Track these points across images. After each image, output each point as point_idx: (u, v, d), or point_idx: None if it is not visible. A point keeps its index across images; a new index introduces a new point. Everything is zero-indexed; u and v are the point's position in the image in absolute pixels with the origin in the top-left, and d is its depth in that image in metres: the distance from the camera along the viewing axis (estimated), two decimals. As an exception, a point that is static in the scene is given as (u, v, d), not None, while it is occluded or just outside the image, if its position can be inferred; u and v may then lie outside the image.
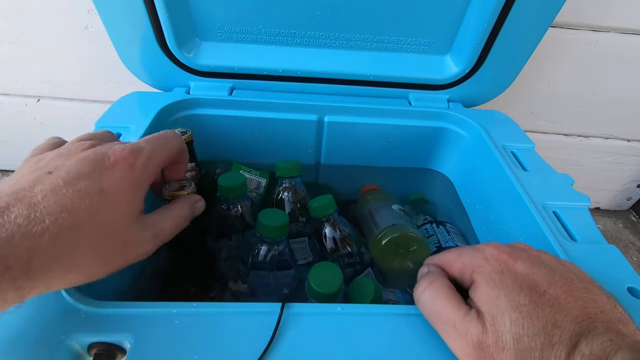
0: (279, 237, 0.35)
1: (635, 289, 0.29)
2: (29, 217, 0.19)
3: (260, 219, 0.34)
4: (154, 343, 0.23)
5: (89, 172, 0.22)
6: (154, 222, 0.26)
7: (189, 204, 0.30)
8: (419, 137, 0.53)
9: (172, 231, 0.27)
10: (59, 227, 0.20)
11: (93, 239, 0.21)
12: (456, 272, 0.26)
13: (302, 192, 0.44)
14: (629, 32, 0.61)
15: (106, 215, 0.22)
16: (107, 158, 0.24)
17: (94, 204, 0.21)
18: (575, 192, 0.38)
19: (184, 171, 0.32)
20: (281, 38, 0.48)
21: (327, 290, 0.30)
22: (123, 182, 0.23)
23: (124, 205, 0.23)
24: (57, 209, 0.20)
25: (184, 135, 0.38)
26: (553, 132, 0.77)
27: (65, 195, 0.21)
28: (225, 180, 0.38)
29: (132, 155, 0.24)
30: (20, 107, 0.73)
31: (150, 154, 0.26)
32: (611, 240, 0.87)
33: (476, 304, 0.23)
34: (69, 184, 0.21)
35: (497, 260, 0.24)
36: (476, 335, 0.22)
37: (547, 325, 0.20)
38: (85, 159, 0.23)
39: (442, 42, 0.49)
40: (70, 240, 0.20)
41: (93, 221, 0.21)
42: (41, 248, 0.19)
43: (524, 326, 0.21)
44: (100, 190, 0.22)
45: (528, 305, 0.21)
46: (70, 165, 0.22)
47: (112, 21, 0.45)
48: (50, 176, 0.21)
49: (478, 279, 0.24)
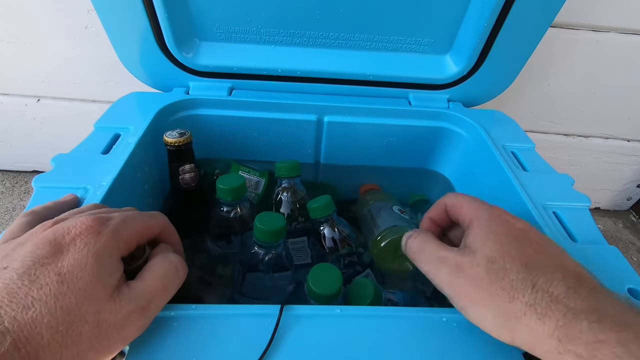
0: (275, 241, 0.34)
1: (636, 289, 0.29)
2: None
3: (257, 223, 0.33)
4: (153, 346, 0.23)
5: (43, 256, 0.21)
6: (136, 290, 0.23)
7: (170, 250, 0.27)
8: (419, 137, 0.53)
9: (162, 292, 0.24)
10: (20, 329, 0.18)
11: (61, 336, 0.19)
12: (462, 214, 0.28)
13: (302, 192, 0.44)
14: (629, 32, 0.61)
15: (68, 299, 0.20)
16: (66, 233, 0.22)
17: (52, 292, 0.19)
18: (575, 193, 0.38)
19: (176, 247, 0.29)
20: (280, 38, 0.48)
21: (327, 292, 0.30)
22: (86, 254, 0.21)
23: (89, 282, 0.21)
24: (16, 308, 0.18)
25: (183, 136, 0.38)
26: (553, 132, 0.77)
27: (21, 290, 0.19)
28: (224, 182, 0.37)
29: (97, 224, 0.23)
30: (20, 107, 0.73)
31: (120, 222, 0.24)
32: (611, 240, 0.87)
33: (466, 241, 0.26)
34: (23, 275, 0.20)
35: (500, 215, 0.27)
36: (454, 259, 0.25)
37: (529, 263, 0.23)
38: (41, 241, 0.21)
39: (442, 42, 0.49)
40: (36, 343, 0.18)
41: (56, 313, 0.19)
42: (6, 357, 0.17)
43: (504, 258, 0.23)
44: (57, 274, 0.20)
45: (514, 243, 0.24)
46: (25, 254, 0.21)
47: (111, 21, 0.45)
48: (5, 272, 0.20)
49: (477, 223, 0.26)
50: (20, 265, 0.20)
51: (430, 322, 0.26)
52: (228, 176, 0.39)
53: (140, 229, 0.25)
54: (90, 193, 0.33)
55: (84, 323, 0.20)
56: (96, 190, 0.33)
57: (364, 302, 0.31)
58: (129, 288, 0.23)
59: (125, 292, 0.22)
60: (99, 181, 0.34)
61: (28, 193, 0.84)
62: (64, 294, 0.20)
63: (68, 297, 0.20)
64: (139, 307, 0.22)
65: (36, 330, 0.18)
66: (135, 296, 0.22)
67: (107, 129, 0.42)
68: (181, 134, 0.38)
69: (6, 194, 0.83)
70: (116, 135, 0.41)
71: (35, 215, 0.27)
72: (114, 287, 0.22)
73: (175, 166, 0.39)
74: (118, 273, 0.23)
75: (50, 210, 0.29)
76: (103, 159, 0.37)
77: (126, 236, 0.24)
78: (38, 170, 0.88)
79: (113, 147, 0.39)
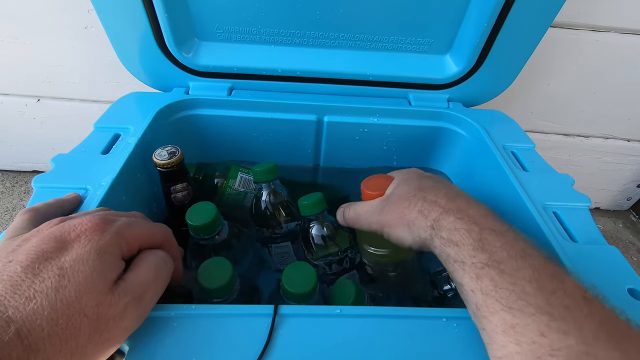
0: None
1: (636, 290, 0.29)
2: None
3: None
4: (153, 346, 0.23)
5: (48, 250, 0.21)
6: (130, 281, 0.23)
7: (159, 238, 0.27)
8: (419, 137, 0.53)
9: (154, 281, 0.24)
10: (22, 320, 0.18)
11: (60, 329, 0.19)
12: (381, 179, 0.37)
13: (282, 195, 0.43)
14: (629, 32, 0.61)
15: (69, 292, 0.20)
16: (72, 230, 0.23)
17: (53, 284, 0.20)
18: (575, 193, 0.38)
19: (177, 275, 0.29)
20: (280, 38, 0.48)
21: (300, 291, 0.30)
22: (89, 250, 0.22)
23: (89, 275, 0.21)
24: (19, 300, 0.19)
25: (173, 157, 0.36)
26: (553, 132, 0.77)
27: (24, 282, 0.20)
28: (193, 218, 0.34)
29: (103, 222, 0.23)
30: (20, 107, 0.73)
31: (125, 224, 0.25)
32: (611, 241, 0.87)
33: (387, 192, 0.35)
34: (27, 268, 0.20)
35: (412, 170, 0.38)
36: (378, 205, 0.34)
37: (422, 187, 0.32)
38: (47, 236, 0.22)
39: (442, 42, 0.49)
40: (37, 335, 0.19)
41: (56, 306, 0.19)
42: (9, 349, 0.18)
43: (407, 188, 0.33)
44: (59, 268, 0.21)
45: (415, 179, 0.34)
46: (30, 248, 0.21)
47: (111, 21, 0.45)
48: (10, 265, 0.20)
49: (395, 176, 0.36)
50: (25, 259, 0.21)
51: (430, 322, 0.26)
52: (198, 207, 0.35)
53: (143, 234, 0.26)
54: (90, 193, 0.33)
55: (83, 316, 0.20)
56: (96, 190, 0.33)
57: (345, 303, 0.31)
58: (124, 281, 0.23)
59: (121, 285, 0.22)
60: (99, 181, 0.34)
61: (28, 193, 0.84)
62: (64, 286, 0.20)
63: (68, 290, 0.20)
64: (135, 298, 0.23)
65: (37, 322, 0.19)
66: (131, 287, 0.23)
67: (107, 129, 0.42)
68: (171, 154, 0.36)
69: (6, 194, 0.83)
70: (116, 135, 0.41)
71: (37, 212, 0.27)
72: (113, 282, 0.22)
73: (166, 185, 0.38)
74: (118, 270, 0.23)
75: (52, 207, 0.29)
76: (103, 159, 0.37)
77: (129, 238, 0.24)
78: (38, 170, 0.88)
79: (113, 147, 0.39)
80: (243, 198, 0.47)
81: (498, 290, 0.22)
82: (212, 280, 0.29)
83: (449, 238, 0.26)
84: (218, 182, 0.47)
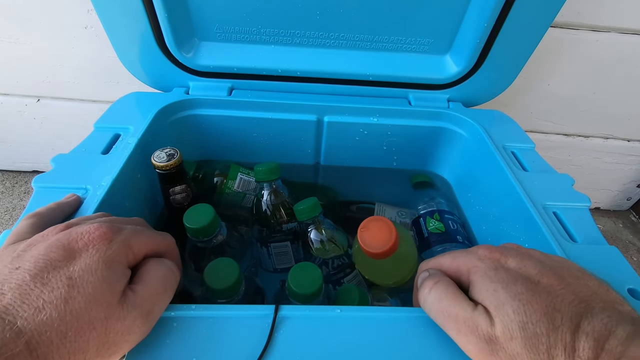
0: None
1: (636, 290, 0.29)
2: (3, 323, 0.18)
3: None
4: (153, 346, 0.23)
5: (56, 259, 0.21)
6: (140, 293, 0.23)
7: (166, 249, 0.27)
8: (419, 137, 0.53)
9: (163, 293, 0.24)
10: (32, 332, 0.18)
11: (69, 342, 0.19)
12: (452, 274, 0.27)
13: (283, 195, 0.43)
14: (629, 32, 0.61)
15: (78, 304, 0.20)
16: (80, 239, 0.22)
17: (63, 295, 0.20)
18: (575, 193, 0.38)
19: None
20: (280, 38, 0.48)
21: (306, 291, 0.30)
22: (97, 260, 0.22)
23: (99, 287, 0.21)
24: (28, 310, 0.19)
25: (172, 159, 0.36)
26: (553, 132, 0.76)
27: (33, 292, 0.19)
28: (191, 221, 0.34)
29: (110, 232, 0.23)
30: (20, 107, 0.73)
31: (132, 234, 0.24)
32: (611, 240, 0.87)
33: (478, 300, 0.24)
34: (36, 277, 0.20)
35: (489, 258, 0.25)
36: (485, 329, 0.22)
37: (548, 310, 0.21)
38: (54, 244, 0.22)
39: (442, 42, 0.49)
40: (46, 348, 0.18)
41: (65, 317, 0.19)
42: (19, 357, 0.17)
43: (526, 313, 0.21)
44: (68, 278, 0.20)
45: (525, 293, 0.22)
46: (37, 255, 0.21)
47: (111, 21, 0.45)
48: (18, 272, 0.20)
49: (475, 278, 0.25)
50: (33, 267, 0.20)
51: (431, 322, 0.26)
52: (195, 209, 0.35)
53: (149, 243, 0.26)
54: (90, 193, 0.33)
55: (92, 330, 0.20)
56: (96, 190, 0.33)
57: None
58: (133, 292, 0.23)
59: (130, 297, 0.22)
60: (99, 181, 0.34)
61: (28, 193, 0.84)
62: (73, 297, 0.20)
63: (77, 302, 0.20)
64: (144, 312, 0.22)
65: (47, 335, 0.19)
66: (141, 300, 0.22)
67: (107, 129, 0.42)
68: (169, 156, 0.36)
69: (6, 194, 0.83)
70: (116, 136, 0.41)
71: (40, 217, 0.27)
72: (121, 293, 0.22)
73: (165, 187, 0.38)
74: (125, 279, 0.23)
75: (54, 212, 0.29)
76: (103, 159, 0.37)
77: (135, 247, 0.24)
78: (38, 170, 0.88)
79: (113, 147, 0.39)
80: (242, 199, 0.47)
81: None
82: (219, 281, 0.29)
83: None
84: (217, 180, 0.47)
